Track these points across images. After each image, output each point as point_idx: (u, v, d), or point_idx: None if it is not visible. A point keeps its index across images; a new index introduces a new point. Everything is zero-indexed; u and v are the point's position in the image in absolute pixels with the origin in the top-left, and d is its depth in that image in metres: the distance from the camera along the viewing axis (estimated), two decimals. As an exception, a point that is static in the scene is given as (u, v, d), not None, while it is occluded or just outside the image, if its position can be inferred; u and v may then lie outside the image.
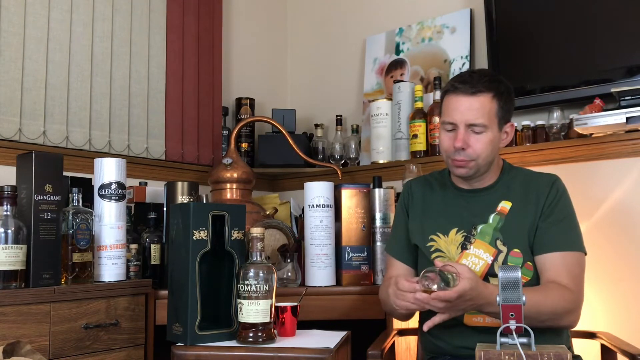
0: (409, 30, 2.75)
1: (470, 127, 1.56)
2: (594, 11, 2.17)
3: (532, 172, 1.71)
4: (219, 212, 1.61)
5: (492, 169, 1.65)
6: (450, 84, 1.61)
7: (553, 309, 1.48)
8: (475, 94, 1.55)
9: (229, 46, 2.92)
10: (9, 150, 2.02)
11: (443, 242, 1.65)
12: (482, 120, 1.55)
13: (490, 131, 1.57)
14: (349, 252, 2.02)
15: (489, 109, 1.56)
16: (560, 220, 1.58)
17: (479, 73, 1.61)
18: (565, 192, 1.63)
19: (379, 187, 2.10)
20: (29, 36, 2.13)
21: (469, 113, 1.55)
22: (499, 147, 1.63)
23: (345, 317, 1.95)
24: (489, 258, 1.58)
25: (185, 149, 2.60)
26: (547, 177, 1.65)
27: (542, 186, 1.62)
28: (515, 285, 1.27)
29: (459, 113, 1.56)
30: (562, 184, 1.64)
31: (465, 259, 1.59)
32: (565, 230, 1.58)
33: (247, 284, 1.53)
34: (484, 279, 1.57)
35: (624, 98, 1.94)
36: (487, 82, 1.57)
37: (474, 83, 1.56)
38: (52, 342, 1.60)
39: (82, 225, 1.73)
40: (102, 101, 2.33)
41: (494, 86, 1.57)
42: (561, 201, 1.61)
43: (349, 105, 2.95)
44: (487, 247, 1.59)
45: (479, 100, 1.55)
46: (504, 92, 1.60)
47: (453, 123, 1.58)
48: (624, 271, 2.03)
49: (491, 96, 1.56)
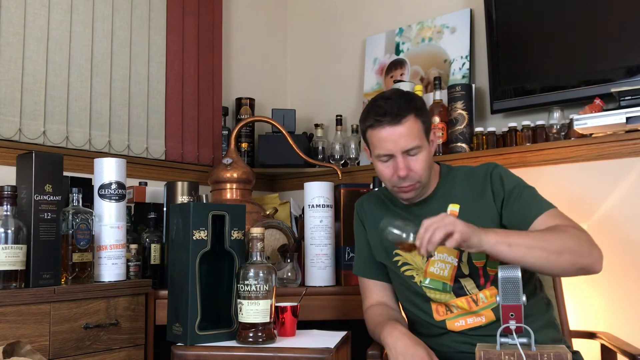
0: (409, 30, 2.75)
1: (407, 152, 1.57)
2: (593, 11, 2.17)
3: (470, 168, 1.70)
4: (219, 212, 1.61)
5: (431, 177, 1.65)
6: (373, 119, 1.59)
7: (563, 235, 1.44)
8: (400, 121, 1.55)
9: (229, 46, 2.92)
10: (9, 150, 2.02)
11: (408, 255, 1.65)
12: (415, 142, 1.56)
13: (424, 148, 1.59)
14: (349, 252, 2.03)
15: (417, 130, 1.57)
16: (521, 194, 1.57)
17: (393, 98, 1.59)
18: (505, 170, 1.62)
19: (378, 187, 2.10)
20: (29, 36, 2.13)
21: (402, 140, 1.56)
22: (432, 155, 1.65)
23: (345, 317, 1.95)
24: (454, 260, 1.59)
25: (185, 149, 2.60)
26: (484, 167, 1.65)
27: (482, 178, 1.62)
28: (515, 285, 1.27)
29: (392, 143, 1.56)
30: (500, 167, 1.63)
31: (432, 267, 1.60)
32: (531, 197, 1.57)
33: (247, 284, 1.53)
34: (454, 281, 1.58)
35: (624, 98, 1.94)
36: (404, 104, 1.57)
37: (394, 111, 1.56)
38: (52, 342, 1.60)
39: (82, 225, 1.73)
40: (102, 101, 2.33)
41: (412, 105, 1.58)
42: (510, 178, 1.60)
43: (349, 105, 2.95)
44: (449, 250, 1.58)
45: (405, 126, 1.56)
46: (421, 107, 1.61)
47: (389, 155, 1.58)
48: (624, 271, 2.03)
49: (413, 116, 1.57)
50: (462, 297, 1.57)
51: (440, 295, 1.60)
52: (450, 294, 1.59)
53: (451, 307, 1.59)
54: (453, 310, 1.59)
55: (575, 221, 1.52)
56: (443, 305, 1.60)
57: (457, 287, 1.58)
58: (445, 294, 1.59)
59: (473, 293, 1.56)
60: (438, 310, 1.61)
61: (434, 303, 1.62)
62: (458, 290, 1.58)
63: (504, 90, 2.35)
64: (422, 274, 1.62)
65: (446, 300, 1.59)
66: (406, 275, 1.65)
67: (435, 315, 1.61)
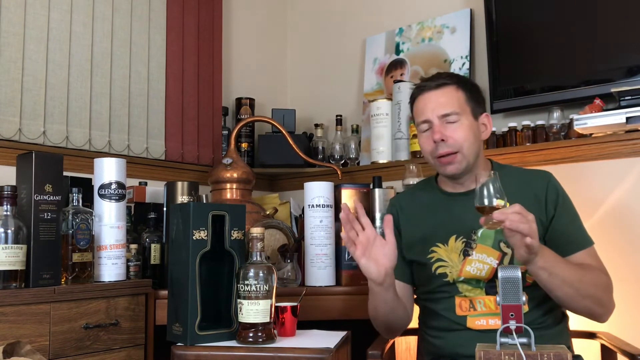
0: (409, 30, 2.75)
1: (444, 117, 1.59)
2: (594, 11, 2.17)
3: (524, 170, 1.71)
4: (219, 212, 1.61)
5: (480, 166, 1.64)
6: (415, 86, 1.68)
7: (595, 282, 1.48)
8: (439, 86, 1.61)
9: (229, 46, 2.92)
10: (9, 150, 2.02)
11: (444, 251, 1.62)
12: (452, 108, 1.59)
13: (465, 118, 1.59)
14: (349, 252, 2.02)
15: (457, 98, 1.60)
16: (573, 220, 1.60)
17: (439, 72, 1.70)
18: (562, 188, 1.63)
19: (379, 187, 2.10)
20: (29, 36, 2.13)
21: (438, 105, 1.60)
22: (481, 139, 1.64)
23: (345, 317, 1.95)
24: (493, 262, 1.56)
25: (185, 149, 2.60)
26: (541, 175, 1.65)
27: (538, 184, 1.62)
28: (515, 285, 1.27)
29: (429, 109, 1.61)
30: (557, 181, 1.64)
31: (469, 266, 1.57)
32: (580, 227, 1.60)
33: (247, 284, 1.53)
34: (491, 285, 1.56)
35: (624, 98, 1.94)
36: (447, 76, 1.65)
37: (435, 79, 1.63)
38: (52, 342, 1.60)
39: (82, 225, 1.73)
40: (102, 101, 2.33)
41: (456, 78, 1.65)
42: (566, 200, 1.62)
43: (349, 105, 2.95)
44: (490, 251, 1.56)
45: (444, 92, 1.60)
46: (467, 82, 1.67)
47: (426, 120, 1.61)
48: (624, 271, 2.02)
49: (455, 87, 1.62)
50: (493, 295, 1.55)
51: (470, 289, 1.58)
52: (481, 290, 1.57)
53: (476, 303, 1.57)
54: (477, 308, 1.56)
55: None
56: (467, 301, 1.58)
57: (489, 286, 1.56)
58: (476, 289, 1.57)
59: None
60: (461, 305, 1.58)
61: (458, 297, 1.59)
62: (490, 288, 1.56)
63: (504, 90, 2.35)
64: (457, 272, 1.59)
65: (475, 296, 1.57)
66: (438, 273, 1.61)
67: (458, 310, 1.58)
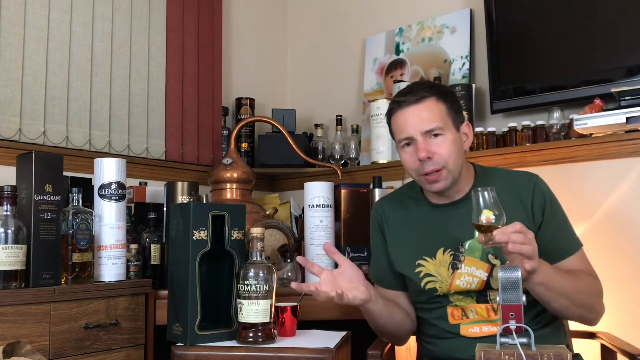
0: (409, 30, 2.75)
1: (427, 134, 1.52)
2: (593, 11, 2.17)
3: (510, 172, 1.65)
4: (219, 212, 1.61)
5: (464, 176, 1.59)
6: (393, 101, 1.58)
7: (588, 291, 1.47)
8: (419, 100, 1.53)
9: (229, 46, 2.92)
10: (9, 150, 2.02)
11: (432, 266, 1.58)
12: (435, 123, 1.51)
13: (448, 132, 1.53)
14: (349, 252, 2.02)
15: (438, 111, 1.52)
16: (562, 224, 1.56)
17: (416, 84, 1.59)
18: (550, 191, 1.59)
19: (379, 187, 2.10)
20: (29, 36, 2.12)
21: (420, 121, 1.52)
22: (464, 150, 1.59)
23: (345, 317, 1.95)
24: (482, 275, 1.53)
25: (185, 149, 2.60)
26: (527, 178, 1.60)
27: (524, 188, 1.57)
28: (515, 285, 1.27)
29: (411, 125, 1.53)
30: (544, 183, 1.59)
31: (459, 280, 1.54)
32: (568, 230, 1.57)
33: (247, 284, 1.53)
34: (482, 294, 1.55)
35: (624, 98, 1.94)
36: (426, 88, 1.55)
37: (414, 92, 1.54)
38: (52, 342, 1.60)
39: (82, 225, 1.73)
40: (102, 101, 2.33)
41: (435, 89, 1.56)
42: (554, 203, 1.58)
43: (349, 105, 2.95)
44: (479, 264, 1.53)
45: (425, 106, 1.52)
46: (446, 92, 1.57)
47: (409, 137, 1.54)
48: (624, 271, 2.03)
49: (435, 99, 1.53)
50: (483, 303, 1.54)
51: (462, 299, 1.56)
52: (472, 299, 1.55)
53: (468, 311, 1.55)
54: (469, 316, 1.55)
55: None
56: (459, 309, 1.56)
57: (480, 295, 1.55)
58: (467, 298, 1.56)
59: (495, 302, 1.52)
60: (453, 314, 1.57)
61: (450, 307, 1.57)
62: (480, 297, 1.55)
63: (504, 90, 2.35)
64: (447, 287, 1.56)
65: (466, 304, 1.55)
66: (427, 288, 1.58)
67: (450, 318, 1.57)
